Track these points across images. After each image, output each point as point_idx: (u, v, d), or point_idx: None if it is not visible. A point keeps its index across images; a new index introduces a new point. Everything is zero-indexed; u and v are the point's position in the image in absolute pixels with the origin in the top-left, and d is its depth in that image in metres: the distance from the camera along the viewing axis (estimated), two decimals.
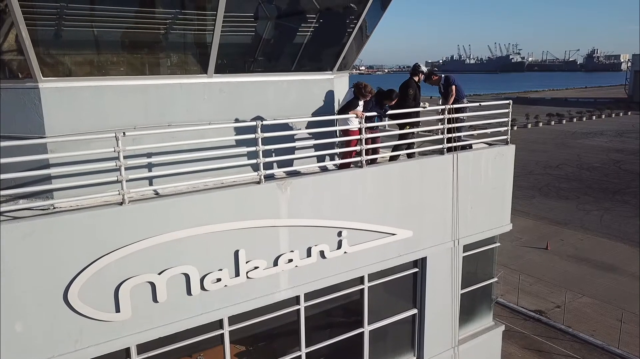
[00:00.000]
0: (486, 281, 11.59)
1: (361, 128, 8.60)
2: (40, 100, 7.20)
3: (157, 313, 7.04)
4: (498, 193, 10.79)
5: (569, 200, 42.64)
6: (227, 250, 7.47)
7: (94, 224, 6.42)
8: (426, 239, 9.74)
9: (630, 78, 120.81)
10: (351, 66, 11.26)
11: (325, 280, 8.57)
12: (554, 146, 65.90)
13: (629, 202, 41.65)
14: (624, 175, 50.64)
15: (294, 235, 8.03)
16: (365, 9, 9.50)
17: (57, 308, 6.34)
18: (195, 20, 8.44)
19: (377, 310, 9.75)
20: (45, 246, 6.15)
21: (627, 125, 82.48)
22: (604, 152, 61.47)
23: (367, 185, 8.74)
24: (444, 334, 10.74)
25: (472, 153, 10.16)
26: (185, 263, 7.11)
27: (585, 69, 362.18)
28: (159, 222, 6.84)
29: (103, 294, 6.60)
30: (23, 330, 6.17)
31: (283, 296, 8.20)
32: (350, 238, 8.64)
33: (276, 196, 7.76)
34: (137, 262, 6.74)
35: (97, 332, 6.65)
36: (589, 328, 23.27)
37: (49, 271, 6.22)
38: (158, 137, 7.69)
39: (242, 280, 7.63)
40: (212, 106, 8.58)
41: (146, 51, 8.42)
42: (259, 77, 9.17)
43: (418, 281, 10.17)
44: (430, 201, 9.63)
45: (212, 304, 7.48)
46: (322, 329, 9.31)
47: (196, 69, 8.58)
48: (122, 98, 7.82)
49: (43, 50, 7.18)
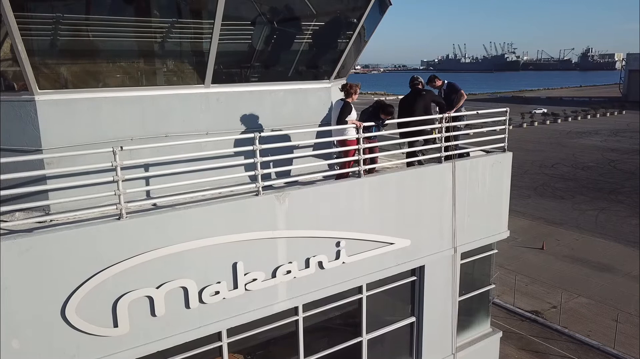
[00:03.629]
0: (484, 288, 11.62)
1: (359, 138, 8.59)
2: (37, 113, 7.14)
3: (155, 327, 7.00)
4: (495, 201, 10.81)
5: (564, 200, 42.83)
6: (226, 263, 7.44)
7: (91, 239, 6.37)
8: (424, 248, 9.74)
9: (625, 78, 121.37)
10: (348, 73, 11.24)
11: (323, 290, 8.55)
12: (549, 145, 66.15)
13: (624, 202, 41.87)
14: (619, 174, 50.91)
15: (292, 246, 8.01)
16: (364, 16, 9.48)
17: (55, 324, 6.28)
18: (193, 30, 8.41)
19: (376, 319, 9.74)
20: (43, 262, 6.10)
21: (622, 124, 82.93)
22: (599, 151, 61.76)
23: (364, 194, 8.72)
24: (442, 342, 10.75)
25: (469, 161, 10.16)
26: (184, 276, 7.07)
27: (580, 68, 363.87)
28: (157, 236, 6.79)
29: (101, 309, 6.56)
30: (20, 347, 6.12)
31: (281, 307, 8.18)
32: (349, 248, 8.63)
33: (274, 208, 7.73)
34: (135, 276, 6.70)
35: (95, 347, 6.60)
36: (585, 328, 23.39)
37: (47, 287, 6.17)
38: (156, 149, 7.64)
39: (240, 292, 7.60)
40: (209, 116, 8.55)
41: (143, 62, 8.38)
42: (257, 86, 9.14)
43: (416, 289, 10.17)
44: (427, 209, 9.63)
45: (211, 317, 7.45)
46: (320, 339, 9.30)
47: (193, 79, 8.54)
48: (119, 109, 7.78)
49: (39, 62, 7.13)
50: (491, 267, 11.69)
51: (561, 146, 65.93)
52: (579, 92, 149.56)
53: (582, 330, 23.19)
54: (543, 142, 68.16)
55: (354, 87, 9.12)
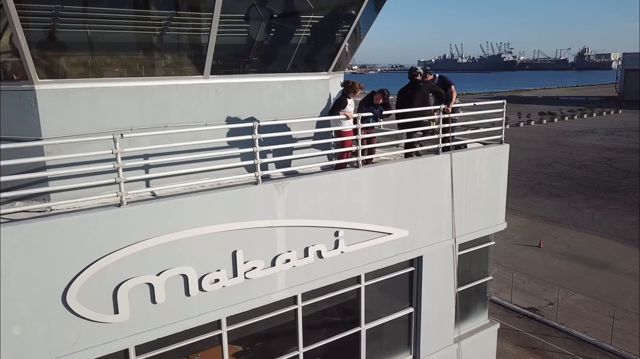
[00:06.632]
0: (481, 280, 11.69)
1: (356, 129, 8.65)
2: (37, 102, 7.18)
3: (155, 314, 7.05)
4: (493, 192, 10.88)
5: (561, 198, 42.91)
6: (225, 251, 7.49)
7: (92, 226, 6.41)
8: (422, 238, 9.81)
9: (621, 77, 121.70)
10: (346, 66, 11.30)
11: (322, 279, 8.61)
12: (546, 144, 66.25)
13: (620, 200, 42.01)
14: (615, 173, 51.03)
15: (291, 236, 8.06)
16: (360, 11, 9.54)
17: (56, 311, 6.33)
18: (191, 22, 8.45)
19: (374, 309, 9.80)
20: (44, 249, 6.14)
21: (618, 123, 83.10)
22: (596, 150, 61.90)
23: (363, 185, 8.78)
24: (440, 333, 10.81)
25: (466, 153, 10.23)
26: (183, 264, 7.12)
27: (577, 68, 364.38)
28: (157, 223, 6.84)
29: (101, 296, 6.60)
30: (21, 333, 6.16)
31: (280, 296, 8.23)
32: (347, 238, 8.69)
33: (273, 197, 7.78)
34: (136, 264, 6.75)
35: (96, 334, 6.64)
36: (582, 324, 23.45)
37: (47, 274, 6.21)
38: (155, 138, 7.69)
39: (239, 280, 7.65)
40: (208, 107, 8.60)
41: (142, 53, 8.41)
42: (255, 77, 9.19)
43: (414, 280, 10.23)
44: (425, 200, 9.70)
45: (210, 305, 7.50)
46: (319, 328, 9.35)
47: (192, 70, 8.58)
48: (119, 99, 7.82)
49: (39, 52, 7.16)
50: (488, 259, 11.76)
51: (558, 145, 66.05)
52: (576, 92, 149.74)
53: (579, 327, 23.23)
54: (540, 141, 68.25)
55: (355, 85, 9.16)
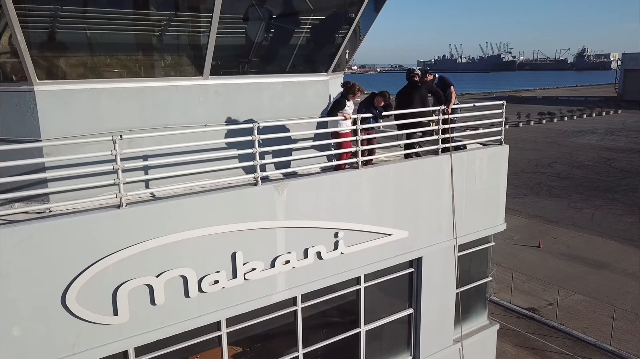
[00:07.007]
0: (481, 280, 11.69)
1: (356, 130, 8.64)
2: (36, 103, 7.17)
3: (155, 316, 7.04)
4: (492, 193, 10.88)
5: (560, 198, 42.93)
6: (225, 252, 7.48)
7: (91, 227, 6.40)
8: (422, 239, 9.80)
9: (620, 77, 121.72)
10: (345, 67, 11.29)
11: (322, 280, 8.60)
12: (545, 144, 66.28)
13: (620, 200, 42.03)
14: (615, 173, 51.06)
15: (290, 237, 8.05)
16: (360, 11, 9.54)
17: (55, 312, 6.32)
18: (191, 23, 8.44)
19: (374, 310, 9.79)
20: (43, 250, 6.13)
21: (617, 123, 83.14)
22: (595, 150, 61.94)
23: (363, 186, 8.78)
24: (439, 334, 10.81)
25: (466, 154, 10.23)
26: (183, 265, 7.11)
27: (576, 68, 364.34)
28: (157, 225, 6.83)
29: (101, 297, 6.59)
30: (21, 334, 6.15)
31: (280, 297, 8.22)
32: (347, 239, 8.68)
33: (273, 198, 7.77)
34: (135, 265, 6.73)
35: (95, 335, 6.63)
36: (582, 325, 23.46)
37: (47, 275, 6.20)
38: (154, 139, 7.68)
39: (239, 281, 7.64)
40: (207, 108, 8.59)
41: (142, 53, 8.41)
42: (255, 78, 9.18)
43: (414, 281, 10.22)
44: (425, 201, 9.69)
45: (210, 306, 7.49)
46: (319, 329, 9.35)
47: (192, 71, 8.58)
48: (118, 100, 7.81)
49: (38, 52, 7.15)
50: (488, 260, 11.76)
51: (557, 145, 66.08)
52: (575, 92, 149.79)
53: (578, 327, 23.25)
54: (539, 141, 68.29)
55: (354, 87, 9.16)
